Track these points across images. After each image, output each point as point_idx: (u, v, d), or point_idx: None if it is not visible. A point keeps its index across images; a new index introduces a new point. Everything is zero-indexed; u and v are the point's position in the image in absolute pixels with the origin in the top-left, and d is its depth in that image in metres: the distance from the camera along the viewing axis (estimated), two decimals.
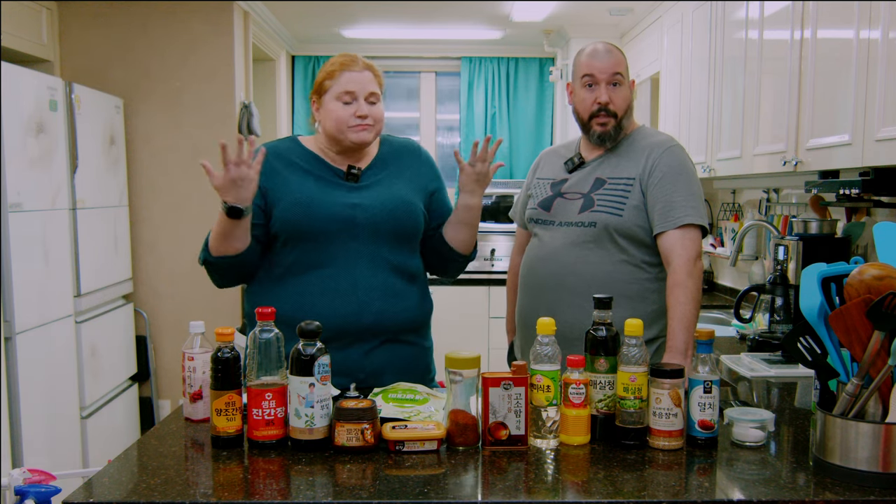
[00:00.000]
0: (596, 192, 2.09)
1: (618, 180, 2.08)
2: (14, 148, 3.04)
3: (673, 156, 2.06)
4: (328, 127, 1.95)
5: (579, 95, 2.11)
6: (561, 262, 2.09)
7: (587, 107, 2.09)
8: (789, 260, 2.55)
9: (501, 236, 5.34)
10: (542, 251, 2.15)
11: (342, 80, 1.92)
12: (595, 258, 2.06)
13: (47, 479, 2.20)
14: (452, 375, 1.53)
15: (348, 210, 1.93)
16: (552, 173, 2.23)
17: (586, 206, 2.09)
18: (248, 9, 4.45)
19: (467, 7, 4.62)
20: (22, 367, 3.06)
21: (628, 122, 2.14)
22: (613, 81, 2.07)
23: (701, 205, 2.04)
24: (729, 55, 3.18)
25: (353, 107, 1.92)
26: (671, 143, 2.10)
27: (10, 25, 3.54)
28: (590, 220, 2.07)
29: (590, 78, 2.07)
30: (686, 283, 1.94)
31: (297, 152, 2.00)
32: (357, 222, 1.93)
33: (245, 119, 4.39)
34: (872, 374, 1.40)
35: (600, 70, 2.06)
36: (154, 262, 4.33)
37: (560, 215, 2.13)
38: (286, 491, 1.39)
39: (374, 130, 1.95)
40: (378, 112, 1.95)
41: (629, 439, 1.54)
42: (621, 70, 2.08)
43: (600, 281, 2.03)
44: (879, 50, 2.02)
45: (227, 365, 1.55)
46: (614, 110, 2.07)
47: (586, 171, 2.15)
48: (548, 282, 2.11)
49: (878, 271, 1.40)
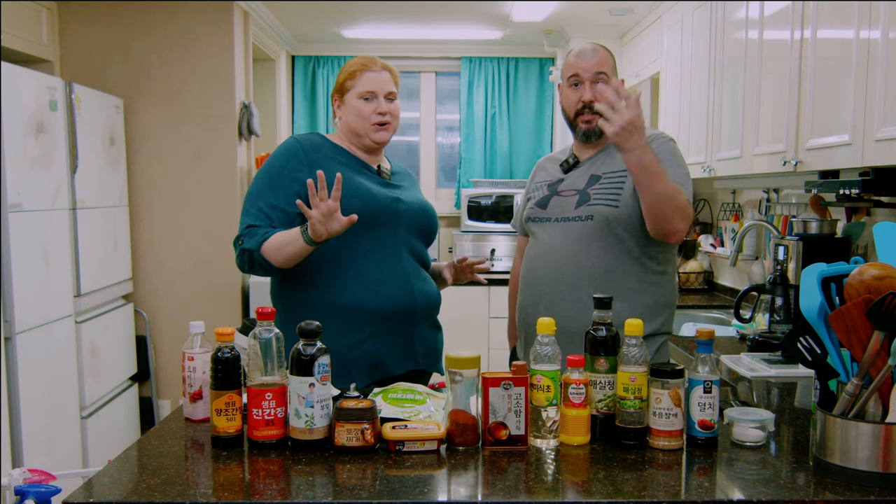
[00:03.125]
0: (591, 188, 2.11)
1: (612, 174, 2.11)
2: (14, 148, 3.04)
3: (662, 143, 2.09)
4: (351, 122, 2.09)
5: (565, 94, 2.16)
6: (560, 257, 2.10)
7: (572, 105, 2.14)
8: (789, 260, 2.55)
9: (501, 236, 5.34)
10: (541, 248, 2.16)
11: (363, 79, 2.07)
12: (594, 252, 2.07)
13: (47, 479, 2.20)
14: (452, 375, 1.53)
15: (394, 203, 2.07)
16: (548, 176, 2.27)
17: (583, 200, 2.11)
18: (248, 9, 4.46)
19: (467, 7, 4.62)
20: (22, 367, 3.06)
21: None
22: (598, 80, 2.10)
23: (688, 183, 2.06)
24: (729, 55, 3.18)
25: (373, 104, 2.07)
26: (663, 136, 2.14)
27: (10, 25, 3.54)
28: (587, 213, 2.08)
29: (575, 77, 2.12)
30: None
31: (330, 147, 2.10)
32: (401, 214, 2.08)
33: (245, 119, 4.39)
34: (872, 374, 1.40)
35: (585, 69, 2.10)
36: (154, 262, 4.33)
37: (556, 212, 2.15)
38: (286, 491, 1.39)
39: (391, 129, 2.12)
40: (396, 109, 2.13)
41: (629, 439, 1.54)
42: (605, 69, 2.10)
43: (599, 274, 2.04)
44: (879, 50, 2.02)
45: (227, 365, 1.55)
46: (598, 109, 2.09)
47: (581, 169, 2.18)
48: (547, 277, 2.12)
49: (878, 271, 1.40)
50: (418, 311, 2.07)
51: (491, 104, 5.75)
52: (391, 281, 2.03)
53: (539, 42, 5.43)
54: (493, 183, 5.50)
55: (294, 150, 2.04)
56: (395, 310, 2.02)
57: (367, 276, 2.01)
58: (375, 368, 2.01)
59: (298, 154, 2.01)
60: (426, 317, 2.11)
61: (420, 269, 2.13)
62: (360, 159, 2.11)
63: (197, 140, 4.27)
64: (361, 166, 2.10)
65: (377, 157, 2.16)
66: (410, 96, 6.03)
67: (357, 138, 2.10)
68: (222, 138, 4.28)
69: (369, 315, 2.00)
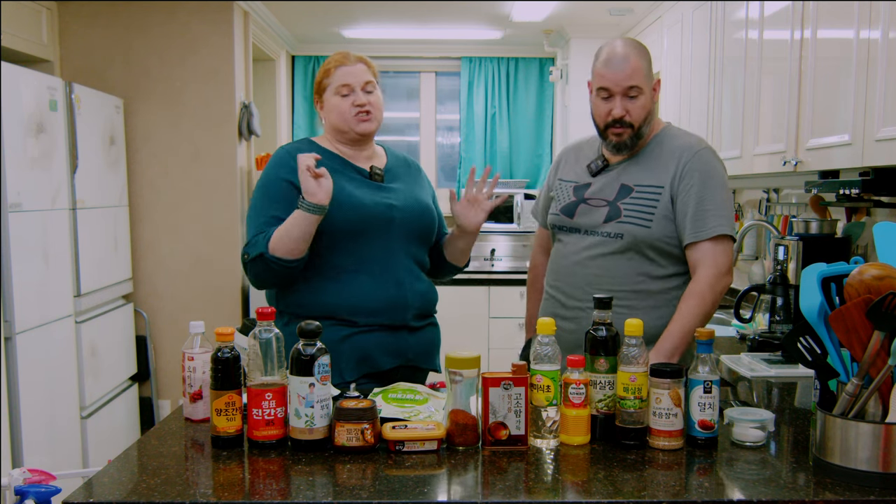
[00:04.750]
0: (622, 201, 2.00)
1: (645, 188, 2.00)
2: (14, 148, 3.04)
3: (703, 160, 1.98)
4: (333, 120, 2.06)
5: (595, 103, 2.02)
6: (588, 272, 2.03)
7: (602, 116, 2.00)
8: (789, 260, 2.55)
9: (501, 236, 5.33)
10: (568, 260, 2.08)
11: (338, 74, 2.04)
12: (623, 269, 1.99)
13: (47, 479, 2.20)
14: (452, 375, 1.53)
15: (387, 210, 2.04)
16: (574, 175, 2.14)
17: (612, 215, 2.00)
18: (248, 9, 4.45)
19: (467, 7, 4.62)
20: (22, 367, 3.06)
21: (648, 128, 2.03)
22: (630, 95, 1.95)
23: (732, 213, 1.97)
24: (729, 55, 3.18)
25: (351, 98, 2.03)
26: (701, 146, 2.01)
27: (10, 25, 3.54)
28: (616, 231, 1.99)
29: (605, 91, 1.97)
30: (705, 295, 1.90)
31: (318, 152, 2.04)
32: (394, 221, 2.04)
33: (245, 119, 4.39)
34: (872, 374, 1.40)
35: (615, 83, 1.94)
36: (154, 262, 4.33)
37: (585, 223, 2.05)
38: (286, 491, 1.39)
39: (375, 119, 2.06)
40: (376, 99, 2.07)
41: (629, 439, 1.54)
42: (638, 82, 1.94)
43: (629, 291, 1.99)
44: (879, 50, 2.02)
45: (227, 365, 1.55)
46: (630, 122, 1.97)
47: (611, 175, 2.05)
48: (574, 292, 2.04)
49: (878, 271, 1.40)
50: (409, 308, 2.05)
51: (491, 104, 5.75)
52: (383, 289, 2.01)
53: (539, 42, 5.43)
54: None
55: (283, 158, 2.03)
56: (387, 309, 2.01)
57: (359, 285, 2.00)
58: (364, 362, 2.00)
59: (289, 162, 1.99)
60: (419, 314, 2.09)
61: (416, 270, 2.11)
62: (350, 162, 2.08)
63: (197, 140, 4.27)
64: (352, 170, 2.07)
65: (368, 154, 2.12)
66: (410, 96, 6.03)
67: (342, 135, 2.07)
68: (222, 138, 4.28)
69: (358, 316, 1.99)
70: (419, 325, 2.10)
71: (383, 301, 2.01)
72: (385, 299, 2.01)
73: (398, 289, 2.03)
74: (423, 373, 2.16)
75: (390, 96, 5.97)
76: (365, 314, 2.00)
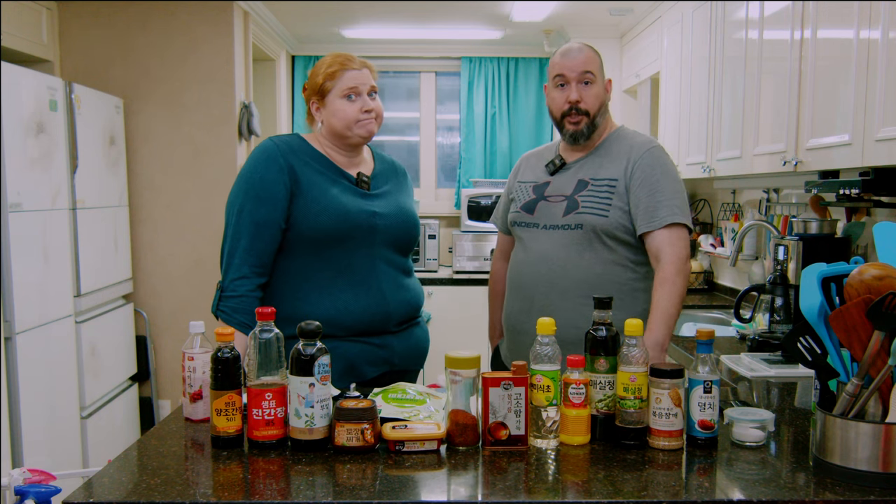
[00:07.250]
0: (579, 194, 2.09)
1: (600, 181, 2.09)
2: (14, 148, 3.04)
3: (653, 157, 2.07)
4: (335, 124, 2.03)
5: (551, 95, 2.13)
6: (550, 264, 2.09)
7: (559, 106, 2.10)
8: (789, 260, 2.55)
9: None
10: (530, 255, 2.14)
11: (345, 78, 2.01)
12: (584, 260, 2.06)
13: (47, 479, 2.20)
14: (452, 375, 1.53)
15: (371, 219, 2.02)
16: (533, 176, 2.23)
17: (570, 208, 2.09)
18: (248, 9, 4.46)
19: (467, 7, 4.62)
20: (22, 367, 3.06)
21: (602, 119, 2.13)
22: (584, 80, 2.07)
23: (685, 204, 2.05)
24: (729, 55, 3.18)
25: (358, 102, 2.01)
26: (651, 145, 2.11)
27: (10, 25, 3.54)
28: (575, 222, 2.07)
29: (561, 78, 2.08)
30: (675, 281, 1.97)
31: (307, 152, 2.03)
32: (377, 230, 2.03)
33: (245, 119, 4.39)
34: (872, 374, 1.40)
35: (570, 69, 2.06)
36: (154, 262, 4.33)
37: (544, 218, 2.12)
38: (286, 491, 1.39)
39: (378, 123, 2.06)
40: (379, 105, 2.07)
41: (629, 439, 1.54)
42: (592, 69, 2.07)
43: (591, 282, 2.04)
44: (879, 50, 2.02)
45: (227, 365, 1.55)
46: (585, 108, 2.08)
47: (569, 173, 2.15)
48: (538, 286, 2.10)
49: (878, 271, 1.40)
50: (392, 319, 2.03)
51: (491, 104, 5.75)
52: (364, 298, 1.99)
53: (539, 42, 5.43)
54: (493, 183, 5.49)
55: (272, 155, 1.97)
56: (368, 321, 2.00)
57: (339, 296, 1.98)
58: (349, 372, 1.97)
59: (277, 160, 1.95)
60: (403, 321, 2.08)
61: (399, 277, 2.08)
62: (339, 167, 2.05)
63: (197, 140, 4.27)
64: (339, 175, 2.04)
65: (357, 160, 2.10)
66: (410, 96, 6.02)
67: (341, 139, 2.04)
68: (222, 138, 4.28)
69: (339, 329, 1.96)
70: (402, 329, 2.09)
71: (366, 314, 1.99)
72: (367, 312, 1.99)
73: (381, 301, 2.01)
74: (411, 373, 2.15)
75: (390, 96, 5.97)
76: (347, 326, 1.98)
